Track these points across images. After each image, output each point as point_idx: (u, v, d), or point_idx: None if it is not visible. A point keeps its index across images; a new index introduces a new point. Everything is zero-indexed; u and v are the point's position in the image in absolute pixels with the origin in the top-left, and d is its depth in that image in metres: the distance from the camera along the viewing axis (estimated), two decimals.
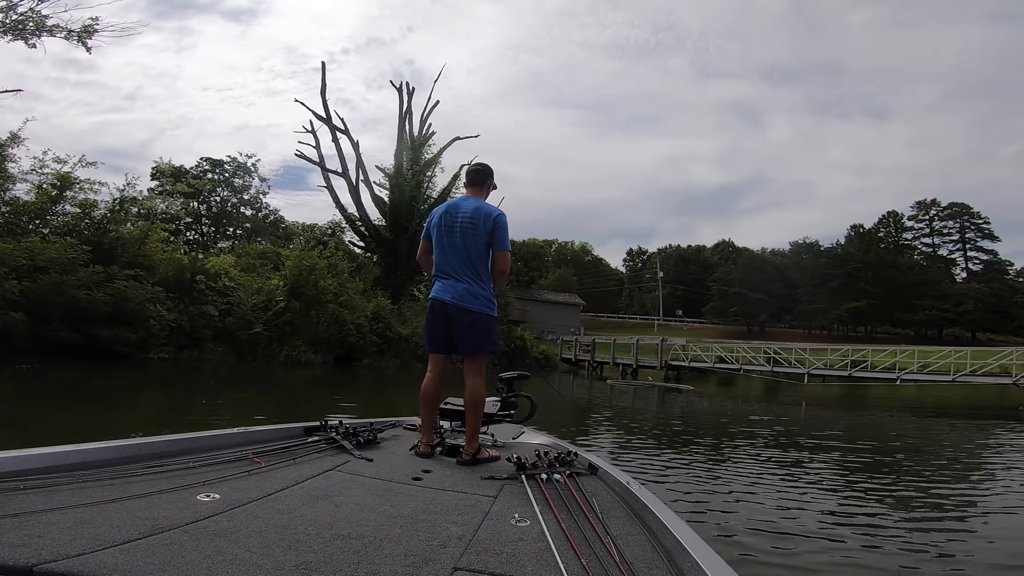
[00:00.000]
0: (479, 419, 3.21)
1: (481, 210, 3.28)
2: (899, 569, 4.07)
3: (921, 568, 4.16)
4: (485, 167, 3.54)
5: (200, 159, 47.84)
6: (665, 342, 29.22)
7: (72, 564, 1.36)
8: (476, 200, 3.38)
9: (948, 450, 10.77)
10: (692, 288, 76.56)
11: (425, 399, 3.32)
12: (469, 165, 3.84)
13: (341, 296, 23.92)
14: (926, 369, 20.75)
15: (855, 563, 4.18)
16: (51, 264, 15.58)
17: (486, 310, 3.26)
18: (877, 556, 4.33)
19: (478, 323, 3.24)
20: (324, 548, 1.66)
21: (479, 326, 3.24)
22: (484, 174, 3.51)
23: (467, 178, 3.56)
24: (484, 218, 3.25)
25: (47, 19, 19.23)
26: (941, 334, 60.57)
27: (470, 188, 3.50)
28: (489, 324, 3.30)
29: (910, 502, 6.31)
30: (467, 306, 3.21)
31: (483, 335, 3.27)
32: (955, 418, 16.90)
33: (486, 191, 3.50)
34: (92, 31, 19.37)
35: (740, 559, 4.00)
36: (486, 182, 3.51)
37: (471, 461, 3.03)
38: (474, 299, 3.22)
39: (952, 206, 71.14)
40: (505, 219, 3.31)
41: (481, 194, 3.46)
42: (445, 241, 3.28)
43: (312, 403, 12.93)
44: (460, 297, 3.22)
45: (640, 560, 1.74)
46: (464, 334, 3.24)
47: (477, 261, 3.25)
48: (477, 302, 3.23)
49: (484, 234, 3.24)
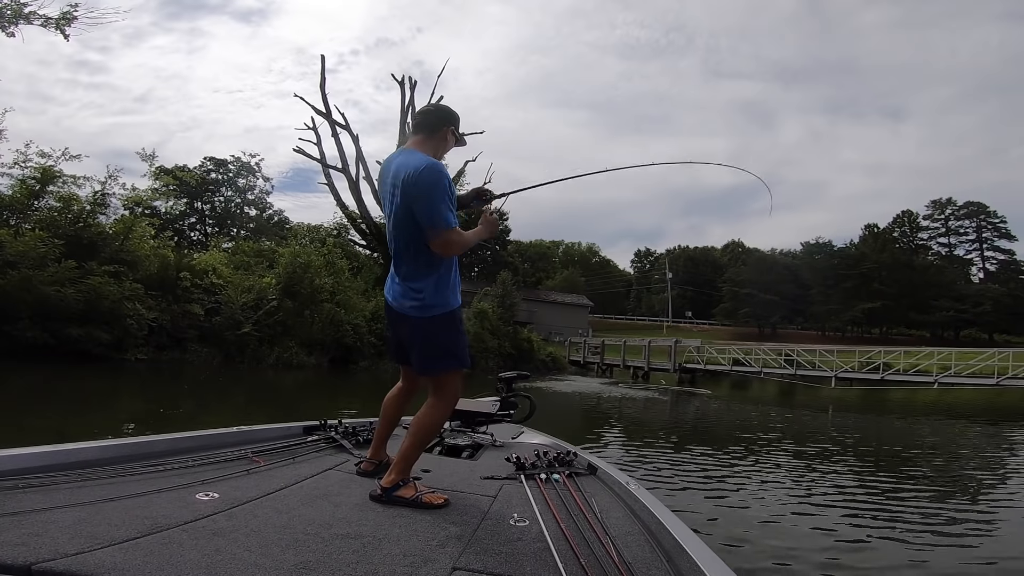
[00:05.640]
0: (415, 448, 2.31)
1: (405, 166, 2.25)
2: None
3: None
4: (440, 108, 2.51)
5: (204, 159, 47.72)
6: (679, 343, 27.91)
7: (71, 563, 1.36)
8: (408, 153, 2.34)
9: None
10: (702, 289, 75.35)
11: (383, 409, 2.63)
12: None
13: (338, 295, 22.86)
14: (965, 372, 19.38)
15: (856, 564, 4.09)
16: (20, 259, 14.56)
17: (427, 312, 2.30)
18: (880, 559, 4.21)
19: (418, 333, 2.33)
20: (323, 547, 1.65)
21: (420, 336, 2.33)
22: (435, 116, 2.47)
23: (412, 123, 2.67)
24: (405, 178, 2.23)
25: (25, 6, 18.45)
26: (958, 336, 59.29)
27: (414, 137, 2.44)
28: (436, 331, 2.32)
29: (941, 515, 5.70)
30: (403, 311, 2.33)
31: (430, 349, 2.33)
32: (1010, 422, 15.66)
33: (437, 143, 2.44)
34: (71, 18, 18.48)
35: (740, 559, 3.95)
36: (439, 129, 2.44)
37: (381, 497, 2.19)
38: (410, 299, 2.31)
39: (968, 205, 69.80)
40: (435, 174, 2.21)
41: (426, 146, 2.39)
42: (386, 216, 2.41)
43: (296, 412, 11.74)
44: (396, 297, 2.37)
45: (639, 560, 1.73)
46: (409, 347, 2.39)
47: (409, 241, 2.29)
48: (414, 303, 2.30)
49: (407, 202, 2.24)
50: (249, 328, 19.12)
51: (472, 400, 4.15)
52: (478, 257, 62.38)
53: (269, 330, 19.88)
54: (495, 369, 21.19)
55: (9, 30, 18.27)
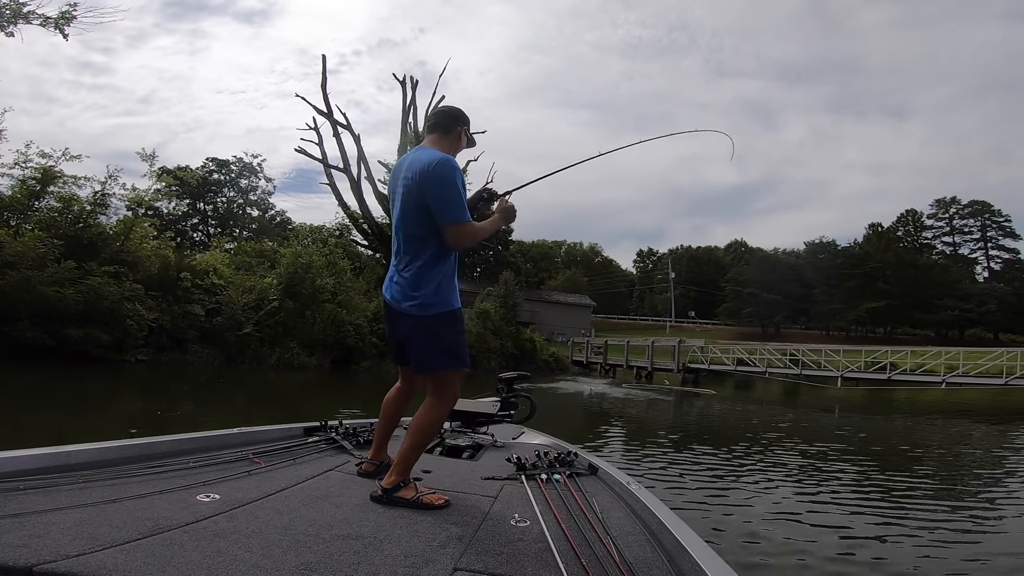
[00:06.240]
0: (414, 449, 2.30)
1: (420, 160, 2.29)
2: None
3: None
4: (453, 109, 2.57)
5: (206, 159, 47.62)
6: (683, 343, 27.72)
7: (72, 564, 1.36)
8: (422, 150, 2.40)
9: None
10: (704, 289, 75.12)
11: (382, 410, 2.62)
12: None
13: (339, 295, 22.75)
14: (974, 371, 19.18)
15: (858, 564, 4.06)
16: (20, 259, 14.46)
17: (427, 311, 2.28)
18: (882, 559, 4.18)
19: (417, 331, 2.31)
20: (324, 548, 1.65)
21: (419, 335, 2.31)
22: (449, 116, 2.52)
23: (426, 124, 2.72)
24: (420, 171, 2.25)
25: (24, 5, 18.38)
26: (963, 335, 59.08)
27: (429, 136, 2.50)
28: (436, 330, 2.30)
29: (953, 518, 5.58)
30: (402, 309, 2.32)
31: (429, 348, 2.31)
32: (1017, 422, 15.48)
33: (451, 142, 2.50)
34: (70, 18, 18.42)
35: (741, 559, 3.91)
36: (453, 129, 2.50)
37: (382, 498, 2.18)
38: (409, 297, 2.30)
39: (972, 204, 69.45)
40: (447, 169, 2.25)
41: (441, 145, 2.45)
42: (392, 212, 2.42)
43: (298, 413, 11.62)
44: (395, 295, 2.35)
45: (640, 560, 1.72)
46: (407, 346, 2.37)
47: (413, 237, 2.32)
48: (414, 302, 2.29)
49: (419, 195, 2.26)
50: (250, 329, 19.02)
51: (472, 400, 4.16)
52: (480, 257, 62.20)
53: (270, 331, 19.78)
54: (497, 369, 21.05)
55: (8, 30, 18.28)
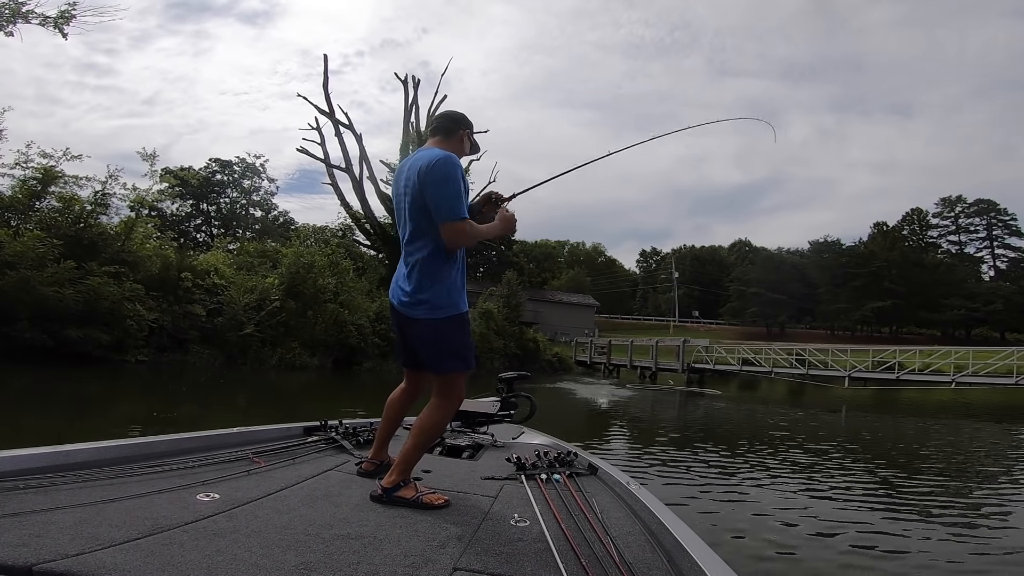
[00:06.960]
0: (416, 449, 2.29)
1: (421, 159, 2.28)
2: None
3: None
4: (454, 113, 2.58)
5: (209, 160, 47.78)
6: (687, 343, 27.49)
7: (71, 564, 1.36)
8: (424, 150, 2.39)
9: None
10: (708, 289, 74.82)
11: (385, 410, 2.62)
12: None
13: (341, 295, 22.61)
14: (983, 371, 18.95)
15: (859, 564, 4.02)
16: (19, 259, 14.37)
17: (436, 314, 2.28)
18: (884, 559, 4.15)
19: (427, 334, 2.31)
20: (324, 548, 1.66)
21: (428, 337, 2.31)
22: (451, 120, 2.53)
23: (428, 128, 2.57)
24: (420, 170, 2.24)
25: (23, 5, 18.31)
26: (969, 334, 58.67)
27: (431, 140, 2.51)
28: (445, 332, 2.30)
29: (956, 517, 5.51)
30: (409, 313, 2.32)
31: (438, 350, 2.31)
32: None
33: (454, 145, 2.48)
34: (69, 17, 18.34)
35: (740, 560, 3.90)
36: (455, 132, 2.50)
37: (382, 497, 2.18)
38: (418, 301, 2.29)
39: (978, 203, 69.06)
40: (448, 165, 2.23)
41: (444, 148, 2.41)
42: (397, 218, 2.43)
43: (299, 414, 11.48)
44: (402, 299, 2.35)
45: (640, 560, 1.72)
46: (417, 348, 2.37)
47: (422, 241, 2.30)
48: (422, 305, 2.28)
49: (422, 196, 2.25)
50: (251, 329, 18.91)
51: (473, 400, 4.15)
52: (483, 257, 62.09)
53: (272, 331, 19.65)
54: (500, 369, 20.85)
55: (7, 29, 18.21)
